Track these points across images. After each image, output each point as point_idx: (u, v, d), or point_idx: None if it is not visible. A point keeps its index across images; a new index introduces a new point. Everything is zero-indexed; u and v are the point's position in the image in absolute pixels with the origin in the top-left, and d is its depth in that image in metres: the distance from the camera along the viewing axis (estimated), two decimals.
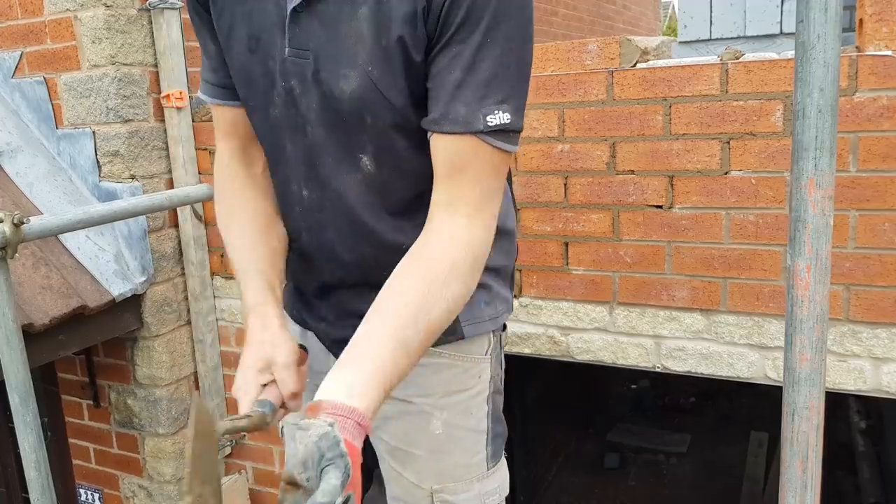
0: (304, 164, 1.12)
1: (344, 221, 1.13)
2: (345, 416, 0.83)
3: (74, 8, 2.44)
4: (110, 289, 2.47)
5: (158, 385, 2.69)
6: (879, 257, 1.76)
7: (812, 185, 1.01)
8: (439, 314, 0.95)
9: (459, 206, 0.99)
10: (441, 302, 0.95)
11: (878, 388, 1.81)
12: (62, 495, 3.01)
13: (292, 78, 1.06)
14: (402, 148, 1.06)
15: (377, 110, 1.03)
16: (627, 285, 2.03)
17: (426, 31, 0.97)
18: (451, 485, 1.21)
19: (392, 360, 0.90)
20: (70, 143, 2.59)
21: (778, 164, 1.81)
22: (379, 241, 1.13)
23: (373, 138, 1.06)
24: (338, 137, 1.07)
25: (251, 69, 1.10)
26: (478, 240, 1.00)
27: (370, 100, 1.01)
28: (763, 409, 4.47)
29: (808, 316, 1.05)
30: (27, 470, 1.66)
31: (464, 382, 1.20)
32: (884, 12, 1.70)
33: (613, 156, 1.98)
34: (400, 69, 0.99)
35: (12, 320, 1.58)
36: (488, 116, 0.95)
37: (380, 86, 1.00)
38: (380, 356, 0.90)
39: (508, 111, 0.97)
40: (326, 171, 1.10)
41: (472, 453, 1.22)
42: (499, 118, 0.96)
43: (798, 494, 1.11)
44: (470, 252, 0.98)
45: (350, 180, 1.09)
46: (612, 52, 1.95)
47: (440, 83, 0.98)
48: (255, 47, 1.08)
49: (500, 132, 0.97)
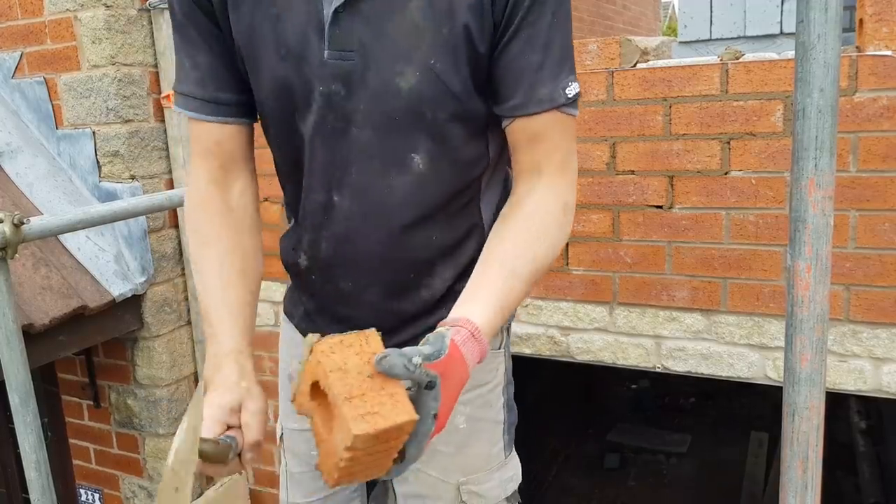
0: (339, 170, 1.08)
1: (382, 225, 1.10)
2: (459, 326, 0.91)
3: (74, 8, 2.44)
4: (110, 289, 2.47)
5: (158, 385, 2.69)
6: (879, 257, 1.76)
7: (812, 185, 1.01)
8: (544, 252, 1.03)
9: (544, 169, 1.06)
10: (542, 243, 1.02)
11: (878, 389, 1.81)
12: (62, 496, 3.01)
13: (334, 82, 1.02)
14: (457, 138, 1.06)
15: (439, 104, 1.02)
16: (627, 285, 2.03)
17: (493, 19, 0.99)
18: (475, 475, 1.24)
19: (505, 286, 0.98)
20: (70, 144, 2.59)
21: (778, 164, 1.81)
22: (416, 243, 1.12)
23: (430, 134, 1.04)
24: (388, 138, 1.05)
25: (285, 76, 1.05)
26: (567, 192, 1.07)
27: (432, 94, 1.01)
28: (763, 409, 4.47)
29: (809, 316, 1.05)
30: (27, 470, 1.66)
31: (483, 377, 1.23)
32: (884, 12, 1.70)
33: (613, 156, 1.98)
34: (464, 59, 1.00)
35: (12, 321, 1.58)
36: (566, 90, 1.02)
37: (444, 78, 1.00)
38: (493, 284, 0.98)
39: (575, 79, 1.04)
40: (368, 176, 1.07)
41: (492, 443, 1.26)
42: (573, 88, 1.03)
43: (798, 495, 1.11)
44: (561, 202, 1.06)
45: (398, 182, 1.07)
46: (612, 52, 1.95)
47: (518, 68, 1.01)
48: (286, 54, 1.04)
49: (574, 101, 1.04)
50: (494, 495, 1.26)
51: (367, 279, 1.15)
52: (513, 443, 1.32)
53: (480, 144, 1.11)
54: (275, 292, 2.60)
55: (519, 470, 1.32)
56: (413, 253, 1.13)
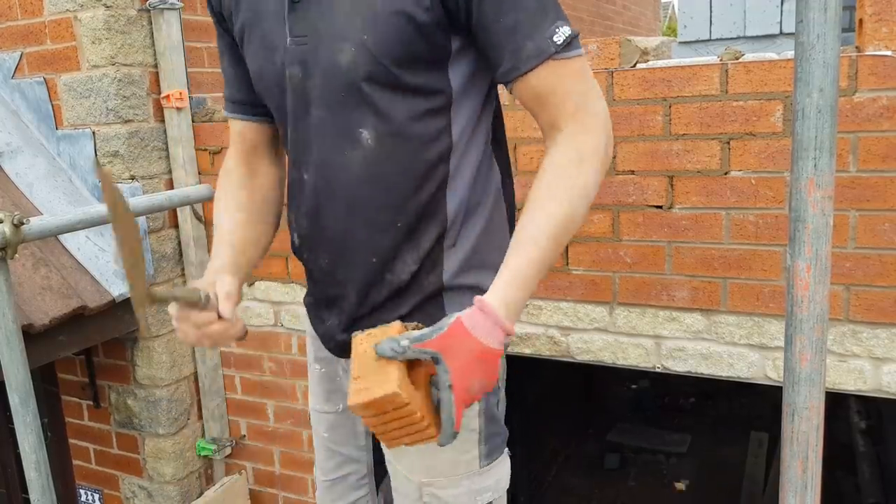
0: (304, 147, 1.17)
1: (341, 202, 1.17)
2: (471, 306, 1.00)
3: (74, 8, 2.44)
4: (110, 289, 2.47)
5: (158, 385, 2.69)
6: (879, 257, 1.76)
7: (812, 185, 1.02)
8: (558, 209, 1.03)
9: (560, 124, 1.05)
10: (553, 200, 1.03)
11: (878, 388, 1.81)
12: (62, 496, 3.01)
13: (295, 65, 1.12)
14: (401, 113, 1.10)
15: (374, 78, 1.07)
16: (627, 285, 2.03)
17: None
18: (439, 480, 1.24)
19: (519, 256, 1.01)
20: (70, 144, 2.59)
21: (778, 164, 1.81)
22: (372, 220, 1.16)
23: (373, 110, 1.09)
24: (339, 115, 1.11)
25: (263, 65, 1.18)
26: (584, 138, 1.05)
27: (366, 69, 1.06)
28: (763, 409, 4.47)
29: (808, 316, 1.05)
30: (27, 470, 1.66)
31: None
32: (884, 12, 1.70)
33: (613, 156, 1.98)
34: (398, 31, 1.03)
35: (12, 321, 1.58)
36: (554, 37, 1.01)
37: (374, 51, 1.05)
38: (507, 259, 1.02)
39: (564, 23, 1.03)
40: (325, 153, 1.14)
41: (462, 451, 1.23)
42: (562, 33, 1.02)
43: (798, 494, 1.11)
44: (573, 151, 1.04)
45: (351, 158, 1.13)
46: (611, 52, 1.95)
47: (497, 33, 1.03)
48: (265, 47, 1.16)
49: (568, 44, 1.02)
50: (464, 503, 1.24)
51: (338, 257, 1.21)
52: (497, 454, 1.27)
53: (436, 123, 1.11)
54: (275, 292, 2.60)
55: (501, 485, 1.29)
56: (372, 232, 1.16)
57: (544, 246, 1.01)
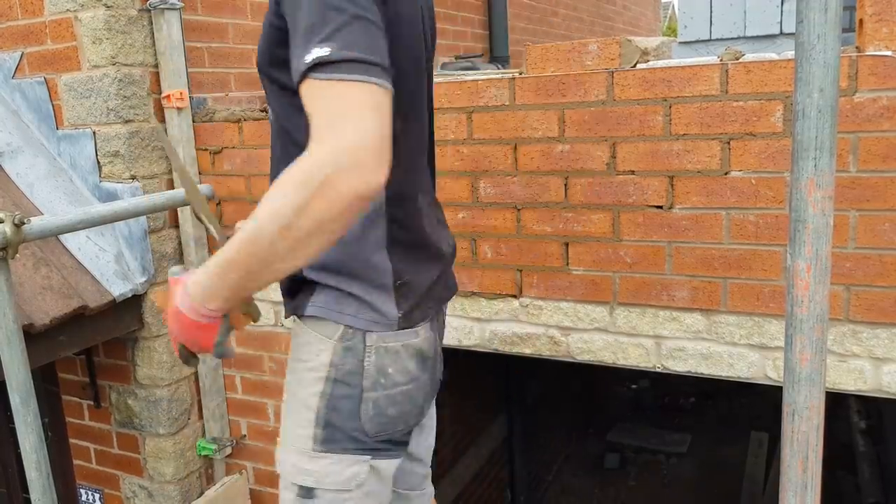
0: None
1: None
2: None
3: (74, 8, 2.44)
4: (111, 289, 2.47)
5: (159, 385, 2.69)
6: (879, 257, 1.76)
7: (812, 185, 1.02)
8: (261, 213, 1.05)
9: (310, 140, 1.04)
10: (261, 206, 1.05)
11: (878, 388, 1.81)
12: (63, 495, 3.01)
13: None
14: (280, 107, 1.28)
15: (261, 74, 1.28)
16: (628, 285, 2.04)
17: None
18: (281, 440, 1.36)
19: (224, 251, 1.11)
20: (70, 144, 2.59)
21: (778, 165, 1.81)
22: None
23: (270, 103, 1.31)
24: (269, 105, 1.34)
25: None
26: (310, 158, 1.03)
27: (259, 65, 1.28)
28: (763, 409, 4.48)
29: (808, 316, 1.06)
30: (28, 470, 1.66)
31: (305, 353, 1.31)
32: (884, 12, 1.70)
33: (614, 156, 1.98)
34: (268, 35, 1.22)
35: (13, 321, 1.58)
36: (305, 57, 1.05)
37: (260, 50, 1.26)
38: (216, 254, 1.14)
39: (327, 44, 1.04)
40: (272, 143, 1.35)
41: (299, 425, 1.30)
42: (313, 54, 1.04)
43: (798, 494, 1.11)
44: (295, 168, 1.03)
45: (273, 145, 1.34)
46: (612, 52, 1.95)
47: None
48: None
49: (319, 65, 1.04)
50: (286, 472, 1.34)
51: None
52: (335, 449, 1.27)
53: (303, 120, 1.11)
54: (275, 292, 2.60)
55: (326, 480, 1.28)
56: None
57: (236, 249, 1.09)
